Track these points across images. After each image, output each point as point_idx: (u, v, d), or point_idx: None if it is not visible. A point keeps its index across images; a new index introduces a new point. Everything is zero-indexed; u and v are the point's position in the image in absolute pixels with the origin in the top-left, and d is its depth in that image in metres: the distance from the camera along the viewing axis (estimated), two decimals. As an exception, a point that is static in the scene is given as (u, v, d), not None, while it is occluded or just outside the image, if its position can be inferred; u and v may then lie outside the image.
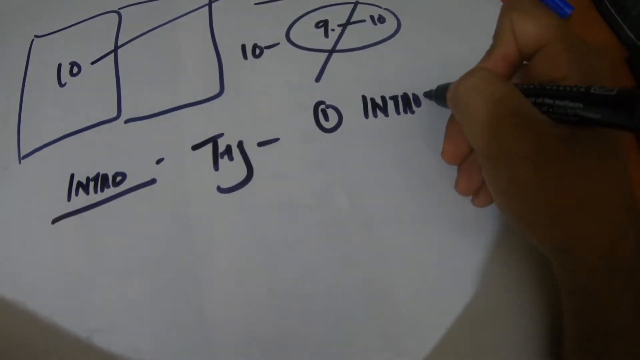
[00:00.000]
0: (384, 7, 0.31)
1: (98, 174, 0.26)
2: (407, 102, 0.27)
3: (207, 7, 0.32)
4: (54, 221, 0.25)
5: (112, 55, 0.30)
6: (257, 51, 0.29)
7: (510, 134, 0.15)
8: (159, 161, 0.26)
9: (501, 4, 0.30)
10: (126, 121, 0.27)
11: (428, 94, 0.26)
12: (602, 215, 0.15)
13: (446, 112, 0.26)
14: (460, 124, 0.18)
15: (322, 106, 0.27)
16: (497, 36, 0.19)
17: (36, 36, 0.32)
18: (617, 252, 0.15)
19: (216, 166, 0.25)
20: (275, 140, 0.26)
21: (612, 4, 0.31)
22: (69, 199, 0.25)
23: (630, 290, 0.15)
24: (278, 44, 0.29)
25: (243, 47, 0.29)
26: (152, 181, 0.25)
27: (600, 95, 0.14)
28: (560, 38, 0.17)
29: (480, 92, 0.16)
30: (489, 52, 0.19)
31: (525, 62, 0.19)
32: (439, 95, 0.23)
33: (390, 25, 0.30)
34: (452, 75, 0.27)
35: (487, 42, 0.20)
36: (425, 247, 0.23)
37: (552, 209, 0.15)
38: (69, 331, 0.22)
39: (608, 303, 0.16)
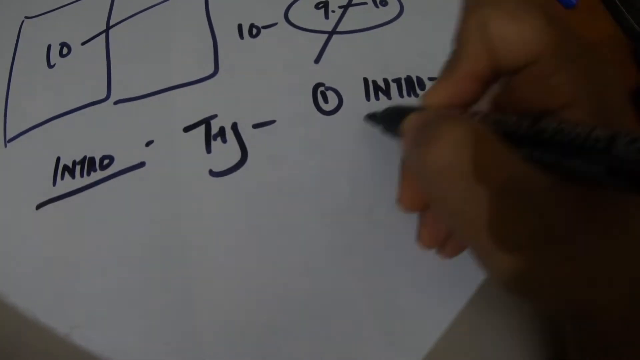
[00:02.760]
0: (386, -11, 0.30)
1: (85, 157, 0.24)
2: (411, 85, 0.26)
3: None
4: (38, 207, 0.23)
5: (103, 36, 0.29)
6: (254, 31, 0.28)
7: (505, 223, 0.11)
8: (148, 143, 0.24)
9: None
10: (115, 102, 0.26)
11: (371, 118, 0.21)
12: (624, 283, 0.12)
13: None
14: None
15: (322, 88, 0.26)
16: (461, 43, 0.13)
17: (26, 17, 0.31)
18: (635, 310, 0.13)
19: (208, 149, 0.24)
20: (272, 122, 0.25)
21: None
22: (54, 184, 0.24)
23: None
24: (276, 23, 0.28)
25: (239, 26, 0.28)
26: (141, 164, 0.24)
27: (632, 159, 0.09)
28: (557, 47, 0.12)
29: (453, 171, 0.11)
30: (452, 66, 0.14)
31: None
32: (388, 124, 0.18)
33: (392, 8, 0.29)
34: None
35: None
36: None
37: (563, 288, 0.12)
38: (50, 325, 0.21)
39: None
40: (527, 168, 0.11)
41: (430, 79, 0.26)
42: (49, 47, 0.29)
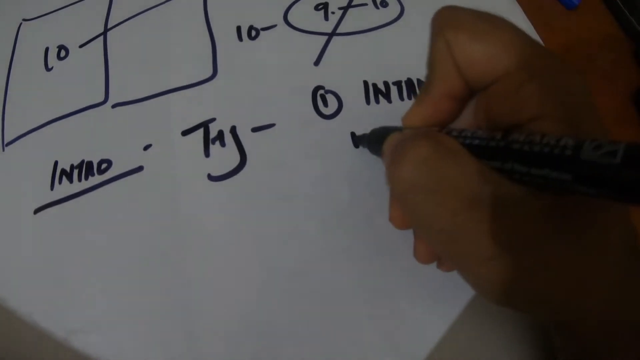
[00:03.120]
0: (386, -10, 0.30)
1: (82, 161, 0.24)
2: (412, 88, 0.26)
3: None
4: (36, 211, 0.23)
5: (101, 38, 0.29)
6: (253, 33, 0.28)
7: (473, 234, 0.11)
8: (146, 147, 0.24)
9: (511, -14, 0.29)
10: (113, 106, 0.26)
11: (360, 139, 0.21)
12: (599, 290, 0.12)
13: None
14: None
15: (321, 91, 0.25)
16: (432, 65, 0.13)
17: (24, 19, 0.31)
18: (618, 316, 0.13)
19: (207, 152, 0.24)
20: (271, 125, 0.24)
21: None
22: (52, 188, 0.24)
23: (633, 349, 0.13)
24: (275, 25, 0.28)
25: (238, 28, 0.28)
26: (139, 169, 0.24)
27: (598, 164, 0.09)
28: (523, 60, 0.12)
29: (420, 187, 0.11)
30: (426, 88, 0.14)
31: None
32: (374, 146, 0.18)
33: (392, 9, 0.29)
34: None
35: None
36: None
37: (539, 300, 0.12)
38: (49, 329, 0.21)
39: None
40: (499, 179, 0.11)
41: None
42: (47, 49, 0.29)
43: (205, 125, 0.24)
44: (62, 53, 0.28)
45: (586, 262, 0.11)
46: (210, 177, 0.23)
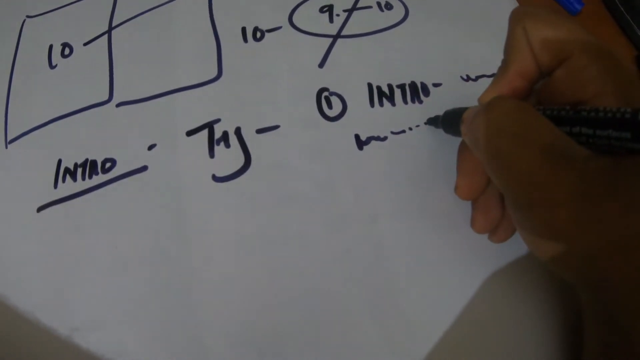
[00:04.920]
0: (391, -7, 0.30)
1: (86, 160, 0.24)
2: (415, 91, 0.26)
3: (206, -11, 0.30)
4: (39, 209, 0.23)
5: (105, 36, 0.28)
6: (258, 34, 0.28)
7: (547, 178, 0.13)
8: (150, 147, 0.24)
9: (515, -9, 0.29)
10: (118, 105, 0.26)
11: (432, 121, 0.23)
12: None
13: (456, 104, 0.25)
14: (481, 161, 0.15)
15: (326, 93, 0.25)
16: (509, 49, 0.16)
17: (28, 16, 0.30)
18: None
19: (212, 153, 0.24)
20: (276, 127, 0.24)
21: (622, 2, 0.31)
22: (55, 186, 0.24)
23: None
24: (280, 27, 0.28)
25: (243, 29, 0.28)
26: (143, 168, 0.24)
27: None
28: (586, 47, 0.14)
29: (506, 130, 0.14)
30: (503, 69, 0.16)
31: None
32: (449, 123, 0.20)
33: (397, 12, 0.29)
34: (461, 66, 0.27)
35: (496, 32, 0.19)
36: (433, 244, 0.22)
37: (591, 252, 0.13)
38: (51, 327, 0.21)
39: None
40: (568, 138, 0.13)
41: (435, 84, 0.26)
42: (51, 47, 0.29)
43: (210, 125, 0.24)
44: (67, 51, 0.28)
45: (634, 223, 0.12)
46: (215, 178, 0.23)
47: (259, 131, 0.24)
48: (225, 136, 0.24)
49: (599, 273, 0.14)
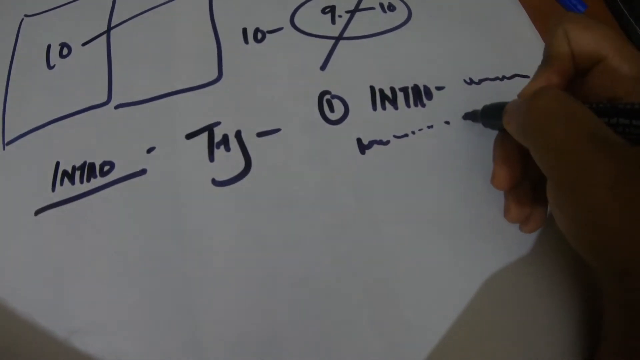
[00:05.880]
0: (394, -6, 0.30)
1: (85, 162, 0.24)
2: (418, 94, 0.25)
3: (207, -11, 0.30)
4: (37, 212, 0.23)
5: (104, 37, 0.28)
6: (259, 36, 0.27)
7: (590, 159, 0.14)
8: (150, 150, 0.24)
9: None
10: (116, 106, 0.25)
11: (470, 116, 0.24)
12: None
13: (460, 108, 0.25)
14: (528, 148, 0.16)
15: (328, 96, 0.25)
16: (550, 49, 0.18)
17: (26, 15, 0.30)
18: None
19: (211, 157, 0.24)
20: (277, 130, 0.24)
21: (625, 3, 0.31)
22: (53, 189, 0.23)
23: None
24: (282, 28, 0.28)
25: (244, 30, 0.28)
26: (142, 172, 0.23)
27: None
28: (619, 49, 0.16)
29: (555, 114, 0.15)
30: (543, 67, 0.18)
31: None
32: (489, 115, 0.21)
33: (400, 13, 0.29)
34: (465, 69, 0.26)
35: (499, 35, 0.19)
36: (433, 249, 0.21)
37: (626, 236, 0.14)
38: (49, 331, 0.20)
39: None
40: (607, 127, 0.14)
41: (438, 88, 0.26)
42: (49, 47, 0.28)
43: (210, 129, 0.24)
44: (65, 51, 0.28)
45: None
46: (215, 182, 0.23)
47: (260, 134, 0.24)
48: (225, 139, 0.24)
49: (630, 256, 0.14)
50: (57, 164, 0.24)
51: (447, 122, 0.24)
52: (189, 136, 0.24)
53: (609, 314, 0.17)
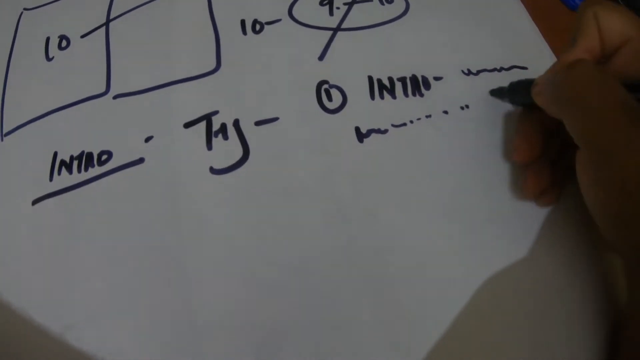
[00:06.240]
0: (393, -14, 0.30)
1: (82, 152, 0.24)
2: (416, 84, 0.25)
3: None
4: (34, 202, 0.23)
5: (103, 29, 0.28)
6: (258, 27, 0.28)
7: (625, 125, 0.15)
8: (147, 139, 0.24)
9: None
10: (115, 97, 0.26)
11: (497, 92, 0.24)
12: None
13: (458, 98, 0.24)
14: (562, 117, 0.17)
15: (326, 86, 0.25)
16: (580, 29, 0.19)
17: (25, 9, 0.30)
18: None
19: (209, 145, 0.24)
20: (275, 119, 0.24)
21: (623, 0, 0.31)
22: (51, 179, 0.23)
23: None
24: (280, 20, 0.28)
25: (242, 22, 0.28)
26: (140, 160, 0.23)
27: None
28: None
29: (591, 82, 0.16)
30: (572, 46, 0.19)
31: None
32: (517, 91, 0.22)
33: (398, 5, 0.29)
34: (462, 59, 0.26)
35: (497, 26, 0.19)
36: (433, 238, 0.21)
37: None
38: (44, 324, 0.20)
39: None
40: (636, 101, 0.15)
41: (436, 78, 0.26)
42: (48, 39, 0.28)
43: (207, 117, 0.24)
44: (64, 43, 0.28)
45: None
46: (213, 171, 0.23)
47: (258, 123, 0.24)
48: (223, 128, 0.24)
49: None
50: (55, 154, 0.24)
51: (446, 112, 0.24)
52: (187, 125, 0.24)
53: (634, 290, 0.17)
